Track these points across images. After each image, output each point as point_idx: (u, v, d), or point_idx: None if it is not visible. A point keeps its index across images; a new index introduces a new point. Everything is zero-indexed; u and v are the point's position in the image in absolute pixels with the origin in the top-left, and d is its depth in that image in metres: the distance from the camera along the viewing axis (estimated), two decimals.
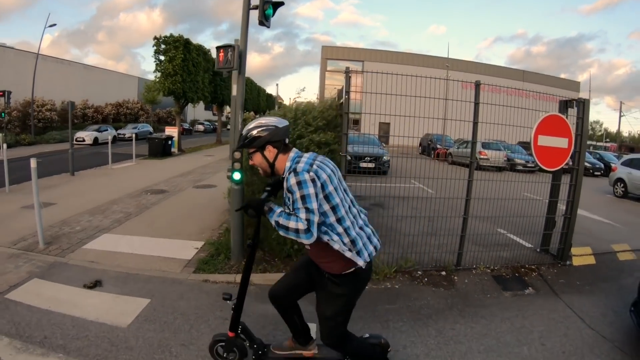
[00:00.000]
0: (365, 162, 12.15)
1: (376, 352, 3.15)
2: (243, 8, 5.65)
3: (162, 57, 22.43)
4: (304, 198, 2.44)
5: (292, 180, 2.48)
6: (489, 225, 6.49)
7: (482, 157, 15.72)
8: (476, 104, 5.58)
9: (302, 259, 3.19)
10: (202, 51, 24.79)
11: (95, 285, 4.87)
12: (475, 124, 5.61)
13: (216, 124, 56.85)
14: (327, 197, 2.54)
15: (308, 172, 2.49)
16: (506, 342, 3.89)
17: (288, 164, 2.63)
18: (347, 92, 5.30)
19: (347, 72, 5.30)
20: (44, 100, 36.73)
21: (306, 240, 2.45)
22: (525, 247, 6.50)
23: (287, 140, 2.78)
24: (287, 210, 2.55)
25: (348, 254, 2.58)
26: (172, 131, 23.12)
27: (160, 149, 20.35)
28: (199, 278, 5.15)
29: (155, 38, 22.36)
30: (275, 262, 5.59)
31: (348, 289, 2.74)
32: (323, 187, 2.52)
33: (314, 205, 2.45)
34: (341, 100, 5.65)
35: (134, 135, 21.99)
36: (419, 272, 5.52)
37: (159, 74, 22.70)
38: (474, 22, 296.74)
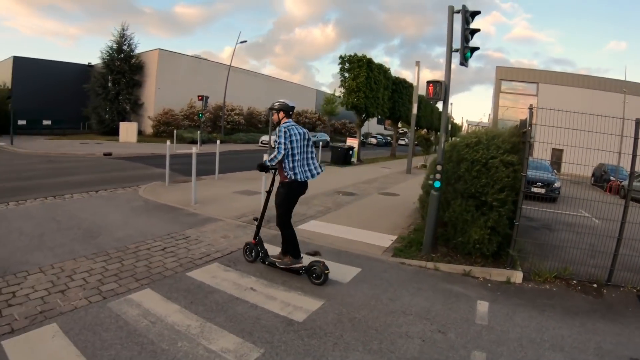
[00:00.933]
0: (536, 187, 12.33)
1: (297, 248, 5.61)
2: (447, 51, 6.76)
3: (346, 75, 24.09)
4: (280, 137, 5.12)
5: (279, 129, 5.21)
6: None
7: None
8: None
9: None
10: (382, 70, 26.00)
11: (315, 254, 6.35)
12: None
13: (388, 138, 58.64)
14: (291, 143, 5.16)
15: (285, 128, 5.19)
16: (636, 342, 4.41)
17: (282, 124, 5.35)
18: (530, 125, 6.11)
19: (530, 109, 6.07)
20: (232, 106, 41.95)
21: (279, 156, 5.09)
22: None
23: (290, 113, 5.52)
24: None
25: (288, 173, 5.22)
26: (352, 142, 24.56)
27: (342, 158, 22.04)
28: (396, 261, 6.34)
29: (340, 57, 24.12)
30: (458, 257, 6.52)
31: (285, 190, 5.41)
32: (291, 137, 5.17)
33: (283, 140, 5.10)
34: (524, 130, 6.45)
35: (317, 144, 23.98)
36: (574, 281, 6.10)
37: (343, 90, 24.39)
38: None
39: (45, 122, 40.18)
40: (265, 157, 5.96)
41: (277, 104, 5.49)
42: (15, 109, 29.49)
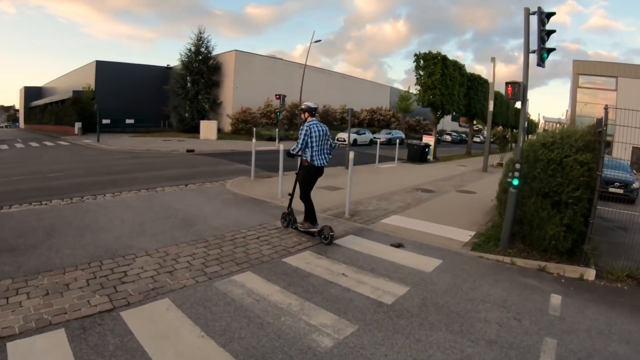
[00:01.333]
0: (614, 187, 11.98)
1: (314, 216, 7.29)
2: (524, 53, 7.03)
3: (421, 72, 24.28)
4: (300, 134, 6.95)
5: (303, 127, 6.98)
6: None
7: None
8: None
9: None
10: (457, 66, 25.93)
11: (399, 245, 6.84)
12: None
13: (463, 135, 57.72)
14: (310, 137, 6.87)
15: (307, 127, 6.90)
16: None
17: (306, 122, 7.04)
18: (605, 125, 6.25)
19: (606, 109, 6.21)
20: None
21: (297, 148, 7.02)
22: None
23: (314, 113, 7.24)
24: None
25: (307, 158, 6.95)
26: (428, 140, 24.69)
27: (419, 155, 22.27)
28: (475, 254, 6.72)
29: (415, 55, 24.33)
30: (533, 253, 6.77)
31: (304, 172, 7.13)
32: (310, 134, 6.86)
33: (302, 137, 6.88)
34: (599, 129, 6.60)
35: (384, 140, 24.30)
36: None
37: (418, 87, 24.59)
38: None
39: (128, 121, 43.23)
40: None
41: (304, 106, 7.42)
42: (99, 109, 31.95)
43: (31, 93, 73.13)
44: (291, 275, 5.49)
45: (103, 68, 45.66)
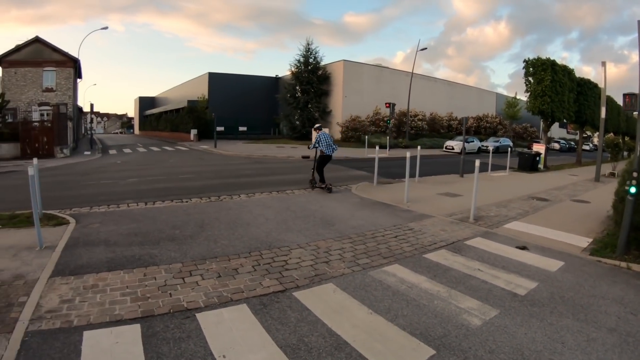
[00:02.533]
0: None
1: (324, 180, 13.55)
2: (639, 65, 7.60)
3: (531, 79, 23.97)
4: (312, 140, 14.23)
5: (316, 136, 13.46)
6: None
7: None
8: None
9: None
10: (566, 71, 25.14)
11: (523, 248, 7.75)
12: None
13: (572, 142, 55.35)
14: (320, 141, 13.16)
15: (318, 136, 13.26)
16: None
17: (319, 133, 13.50)
18: None
19: None
20: (416, 112, 43.35)
21: (311, 147, 13.65)
22: None
23: (319, 129, 14.15)
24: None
25: (321, 150, 13.21)
26: (538, 148, 24.24)
27: (529, 164, 22.22)
28: (593, 259, 7.41)
29: (524, 61, 24.09)
30: None
31: (319, 157, 13.45)
32: (320, 139, 13.18)
33: (314, 142, 13.42)
34: None
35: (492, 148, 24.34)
36: None
37: (527, 94, 24.34)
38: None
39: (241, 129, 46.35)
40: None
41: (317, 125, 14.83)
42: (215, 116, 34.81)
43: (145, 102, 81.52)
44: (434, 268, 6.58)
45: (215, 79, 49.76)
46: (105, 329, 4.42)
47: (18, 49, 34.96)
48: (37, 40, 35.59)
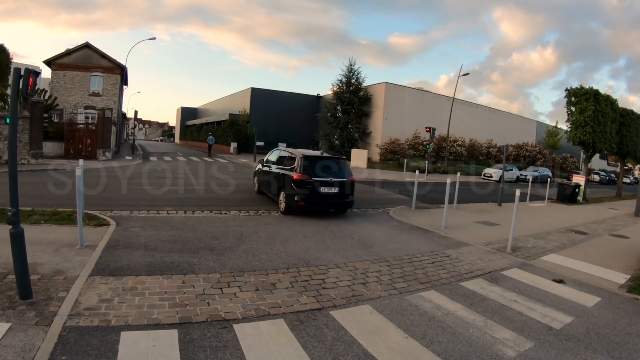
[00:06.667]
0: None
1: None
2: None
3: (573, 108, 23.19)
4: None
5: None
6: None
7: None
8: None
9: None
10: (609, 101, 24.21)
11: (560, 281, 7.67)
12: None
13: (612, 174, 53.72)
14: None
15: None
16: None
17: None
18: None
19: None
20: (455, 137, 43.03)
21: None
22: None
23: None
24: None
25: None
26: (578, 179, 23.68)
27: (569, 195, 21.68)
28: (630, 296, 7.27)
29: (566, 90, 23.33)
30: None
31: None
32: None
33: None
34: None
35: (532, 178, 23.83)
36: None
37: (569, 124, 23.57)
38: None
39: (280, 145, 47.01)
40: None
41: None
42: (256, 131, 35.29)
43: (187, 113, 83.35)
44: (470, 297, 6.60)
45: (257, 94, 50.48)
46: (143, 332, 4.56)
47: (68, 53, 36.46)
48: (87, 46, 37.01)
